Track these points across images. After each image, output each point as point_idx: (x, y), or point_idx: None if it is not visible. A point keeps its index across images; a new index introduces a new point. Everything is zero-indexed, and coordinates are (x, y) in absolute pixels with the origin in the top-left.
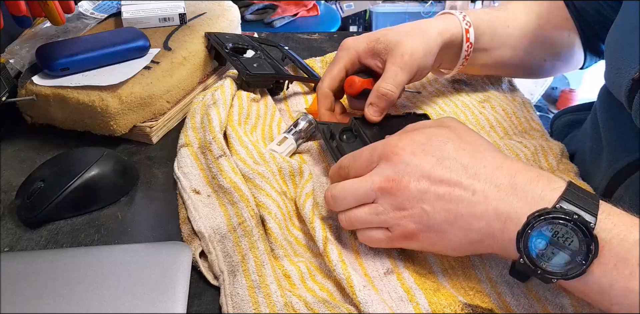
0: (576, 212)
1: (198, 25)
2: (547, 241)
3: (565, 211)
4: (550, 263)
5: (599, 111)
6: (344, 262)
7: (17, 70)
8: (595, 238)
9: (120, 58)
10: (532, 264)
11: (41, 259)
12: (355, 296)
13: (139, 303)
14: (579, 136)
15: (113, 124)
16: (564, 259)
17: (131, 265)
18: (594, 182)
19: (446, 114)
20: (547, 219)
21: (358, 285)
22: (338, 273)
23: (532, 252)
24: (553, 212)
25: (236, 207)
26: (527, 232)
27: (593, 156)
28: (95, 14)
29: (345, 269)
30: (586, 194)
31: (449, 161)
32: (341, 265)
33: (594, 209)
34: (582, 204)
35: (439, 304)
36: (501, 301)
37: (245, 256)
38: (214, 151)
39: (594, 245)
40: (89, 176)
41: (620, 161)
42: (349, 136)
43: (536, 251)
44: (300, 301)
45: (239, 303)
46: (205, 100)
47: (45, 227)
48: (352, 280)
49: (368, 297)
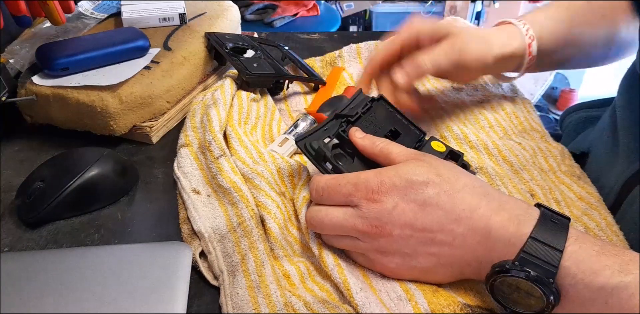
0: (534, 269)
1: (198, 25)
2: (511, 289)
3: (523, 268)
4: (516, 305)
5: (618, 108)
6: (340, 266)
7: (17, 70)
8: (556, 290)
9: (120, 58)
10: (499, 305)
11: (41, 259)
12: (352, 299)
13: (139, 303)
14: (593, 134)
15: (113, 124)
16: (529, 302)
17: (131, 265)
18: (609, 181)
19: (446, 114)
20: (507, 276)
21: (355, 288)
22: (335, 277)
23: (498, 297)
24: (512, 269)
25: (236, 207)
26: (491, 283)
27: (609, 154)
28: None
29: (341, 273)
30: (553, 236)
31: (431, 207)
32: (337, 269)
33: (556, 260)
34: (543, 256)
35: (438, 305)
36: None
37: (245, 256)
38: (213, 151)
39: (553, 297)
40: (88, 176)
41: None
42: (341, 156)
43: (503, 296)
44: (300, 301)
45: (239, 303)
46: (205, 100)
47: (45, 228)
48: (348, 283)
49: (365, 299)
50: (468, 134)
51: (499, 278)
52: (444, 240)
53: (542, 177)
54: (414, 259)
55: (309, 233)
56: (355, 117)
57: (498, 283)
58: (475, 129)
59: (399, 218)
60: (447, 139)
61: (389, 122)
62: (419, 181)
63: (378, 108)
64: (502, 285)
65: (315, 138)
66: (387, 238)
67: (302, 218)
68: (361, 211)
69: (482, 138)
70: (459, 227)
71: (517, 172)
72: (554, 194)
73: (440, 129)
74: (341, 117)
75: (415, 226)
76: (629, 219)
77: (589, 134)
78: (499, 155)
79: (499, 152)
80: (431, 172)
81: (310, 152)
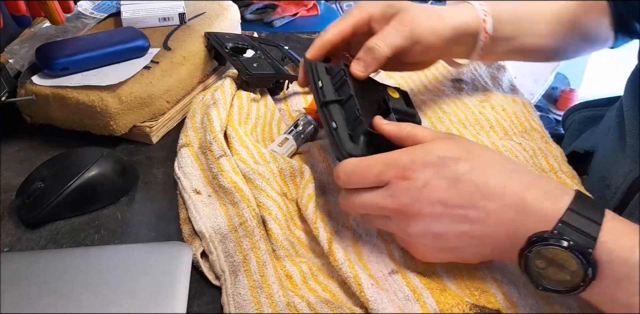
0: (573, 239)
1: (198, 25)
2: (546, 262)
3: (563, 237)
4: (549, 281)
5: (626, 109)
6: (350, 261)
7: (17, 70)
8: (594, 263)
9: (119, 58)
10: (532, 281)
11: (41, 259)
12: (363, 294)
13: (139, 303)
14: (597, 133)
15: (113, 124)
16: (563, 278)
17: (131, 265)
18: (616, 181)
19: (446, 115)
20: (545, 244)
21: (366, 283)
22: (345, 271)
23: (532, 271)
24: (550, 238)
25: (237, 207)
26: (525, 255)
27: (615, 154)
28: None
29: (352, 267)
30: (590, 211)
31: (463, 183)
32: (348, 263)
33: (595, 232)
34: (583, 227)
35: (446, 304)
36: (508, 301)
37: (246, 256)
38: (214, 151)
39: (592, 270)
40: (88, 176)
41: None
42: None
43: (536, 270)
44: (303, 301)
45: (241, 303)
46: (205, 100)
47: (45, 228)
48: (359, 278)
49: (377, 295)
50: (467, 136)
51: (535, 249)
52: (477, 217)
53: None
54: (444, 239)
55: (319, 228)
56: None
57: (533, 254)
58: (475, 130)
59: (430, 195)
60: None
61: (370, 89)
62: (450, 158)
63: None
64: (537, 258)
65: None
66: (416, 216)
67: (308, 215)
68: (391, 190)
69: (481, 139)
70: (492, 204)
71: None
72: None
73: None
74: (341, 102)
75: (447, 202)
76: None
77: (592, 133)
78: None
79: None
80: (462, 148)
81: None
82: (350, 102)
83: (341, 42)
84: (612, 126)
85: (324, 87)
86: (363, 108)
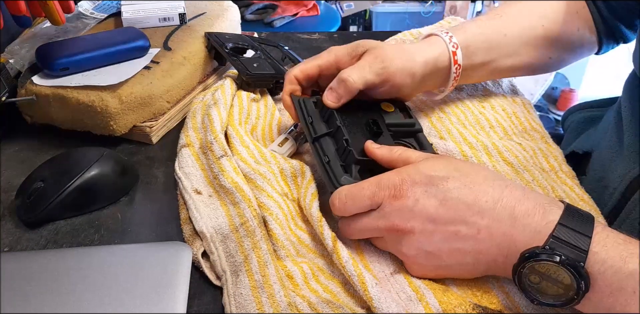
0: (564, 253)
1: (198, 25)
2: (540, 277)
3: (554, 252)
4: (544, 296)
5: (624, 109)
6: (354, 259)
7: (17, 70)
8: (586, 276)
9: (120, 58)
10: (527, 296)
11: (41, 259)
12: (367, 293)
13: (139, 303)
14: (596, 134)
15: (113, 124)
16: (557, 292)
17: (131, 265)
18: (613, 181)
19: (446, 115)
20: (537, 260)
21: (370, 282)
22: (348, 270)
23: (527, 287)
24: (542, 253)
25: (238, 207)
26: (519, 271)
27: (613, 154)
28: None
29: (356, 266)
30: (580, 224)
31: (452, 201)
32: (352, 262)
33: (585, 245)
34: (573, 241)
35: (449, 304)
36: (510, 302)
37: (248, 256)
38: (215, 151)
39: (584, 283)
40: (89, 176)
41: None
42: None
43: (531, 285)
44: (304, 301)
45: (242, 303)
46: (206, 100)
47: (45, 228)
48: (364, 277)
49: (380, 294)
50: (467, 136)
51: (528, 265)
52: (468, 234)
53: (543, 177)
54: (437, 258)
55: (323, 226)
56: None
57: (526, 270)
58: (475, 130)
59: (420, 213)
60: (446, 141)
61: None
62: (439, 176)
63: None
64: (531, 273)
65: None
66: (408, 235)
67: (312, 214)
68: (384, 210)
69: (481, 140)
70: (483, 219)
71: (518, 173)
72: (557, 192)
73: (440, 131)
74: (331, 134)
75: (437, 220)
76: (632, 220)
77: (591, 133)
78: (499, 156)
79: (499, 154)
80: (450, 167)
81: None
82: (339, 133)
83: (307, 80)
84: (611, 126)
85: (313, 122)
86: (354, 135)
